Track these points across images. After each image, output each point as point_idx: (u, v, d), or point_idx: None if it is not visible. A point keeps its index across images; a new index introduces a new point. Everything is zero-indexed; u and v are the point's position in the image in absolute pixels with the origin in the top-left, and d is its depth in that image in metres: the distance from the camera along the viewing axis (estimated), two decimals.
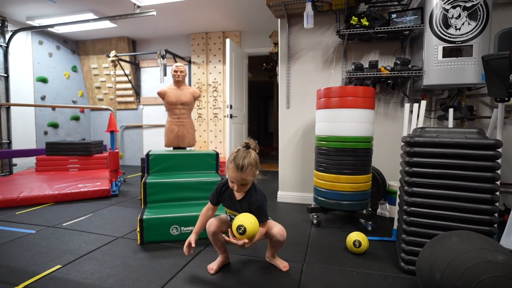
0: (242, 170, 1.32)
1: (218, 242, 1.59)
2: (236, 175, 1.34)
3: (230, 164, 1.36)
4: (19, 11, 4.15)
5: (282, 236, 1.52)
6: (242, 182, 1.37)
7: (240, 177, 1.34)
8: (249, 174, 1.35)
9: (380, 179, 2.58)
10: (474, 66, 2.22)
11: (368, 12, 2.53)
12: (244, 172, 1.32)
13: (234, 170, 1.34)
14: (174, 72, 2.93)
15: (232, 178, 1.38)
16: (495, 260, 1.05)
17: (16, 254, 1.77)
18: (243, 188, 1.41)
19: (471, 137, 1.48)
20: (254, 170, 1.37)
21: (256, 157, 1.38)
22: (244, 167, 1.32)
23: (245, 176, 1.34)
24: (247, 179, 1.37)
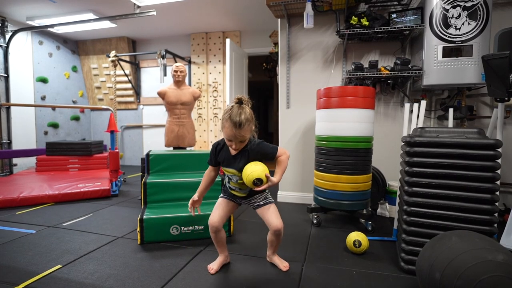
0: (240, 126, 1.31)
1: (220, 240, 1.59)
2: (234, 132, 1.33)
3: (226, 123, 1.34)
4: (19, 11, 4.15)
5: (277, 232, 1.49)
6: (240, 139, 1.36)
7: (238, 134, 1.33)
8: (247, 130, 1.35)
9: (380, 179, 2.58)
10: (474, 66, 2.22)
11: (368, 12, 2.53)
12: (242, 129, 1.32)
13: (232, 127, 1.32)
14: (174, 72, 2.93)
15: (229, 136, 1.36)
16: (495, 260, 1.05)
17: (17, 254, 1.77)
18: (241, 144, 1.40)
19: (471, 137, 1.48)
20: (251, 125, 1.37)
21: (251, 112, 1.37)
22: (242, 123, 1.31)
23: (243, 133, 1.34)
24: (245, 136, 1.36)
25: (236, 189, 1.53)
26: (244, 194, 1.53)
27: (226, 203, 1.58)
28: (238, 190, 1.53)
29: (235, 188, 1.53)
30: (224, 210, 1.56)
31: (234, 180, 1.51)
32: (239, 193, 1.53)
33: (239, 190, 1.53)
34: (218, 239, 1.58)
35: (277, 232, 1.50)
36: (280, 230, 1.49)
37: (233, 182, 1.52)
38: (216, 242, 1.59)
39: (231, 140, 1.38)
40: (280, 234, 1.53)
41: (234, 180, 1.51)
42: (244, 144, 1.41)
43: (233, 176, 1.49)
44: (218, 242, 1.59)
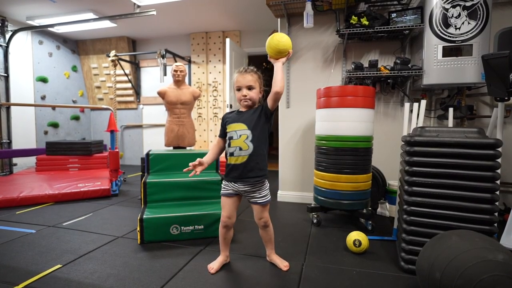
0: (245, 71, 1.48)
1: (227, 239, 1.61)
2: (240, 77, 1.48)
3: (235, 75, 1.51)
4: (19, 11, 4.15)
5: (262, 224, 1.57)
6: (247, 84, 1.48)
7: (244, 79, 1.47)
8: (253, 79, 1.48)
9: (380, 178, 2.58)
10: (474, 66, 2.22)
11: (368, 12, 2.52)
12: (248, 74, 1.48)
13: (240, 74, 1.49)
14: (174, 71, 2.93)
15: (237, 82, 1.49)
16: (495, 259, 1.05)
17: (16, 254, 1.77)
18: (250, 93, 1.49)
19: (471, 137, 1.48)
20: (258, 80, 1.51)
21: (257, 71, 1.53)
22: (248, 70, 1.49)
23: (249, 78, 1.48)
24: (251, 83, 1.48)
25: (236, 152, 1.48)
26: (244, 157, 1.48)
27: (230, 200, 1.57)
28: (238, 152, 1.48)
29: (234, 150, 1.49)
30: (231, 206, 1.57)
31: (237, 136, 1.48)
32: (239, 158, 1.48)
33: (239, 152, 1.48)
34: (226, 237, 1.60)
35: (262, 223, 1.57)
36: (266, 222, 1.57)
37: (235, 139, 1.48)
38: (223, 240, 1.60)
39: (240, 89, 1.49)
40: (267, 226, 1.59)
41: (236, 136, 1.48)
42: (254, 95, 1.50)
43: (237, 131, 1.48)
44: (225, 240, 1.60)
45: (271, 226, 1.61)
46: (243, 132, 1.48)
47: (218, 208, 2.05)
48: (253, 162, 1.48)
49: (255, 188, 1.53)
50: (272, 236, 1.64)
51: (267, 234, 1.62)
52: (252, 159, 1.48)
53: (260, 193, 1.55)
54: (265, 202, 1.56)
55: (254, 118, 1.49)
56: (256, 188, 1.54)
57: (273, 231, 1.64)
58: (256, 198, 1.54)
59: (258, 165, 1.50)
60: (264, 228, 1.59)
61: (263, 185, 1.56)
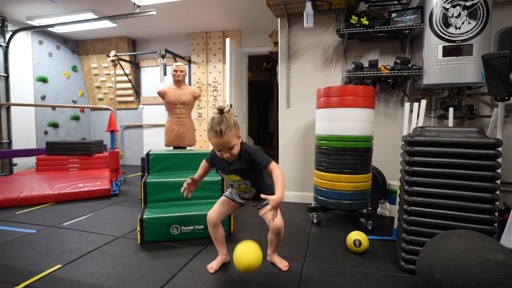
0: (221, 134, 1.31)
1: (218, 238, 1.60)
2: (218, 141, 1.34)
3: (209, 133, 1.36)
4: (19, 11, 4.15)
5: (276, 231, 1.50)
6: (227, 146, 1.36)
7: (221, 142, 1.34)
8: (230, 137, 1.34)
9: (380, 178, 2.58)
10: (474, 65, 2.22)
11: (368, 11, 2.52)
12: (225, 136, 1.32)
13: (215, 136, 1.34)
14: (174, 71, 2.93)
15: (216, 145, 1.38)
16: (496, 259, 1.05)
17: (17, 254, 1.77)
18: (232, 152, 1.38)
19: (471, 136, 1.48)
20: (234, 131, 1.36)
21: (232, 119, 1.37)
22: (223, 131, 1.31)
23: (226, 140, 1.33)
24: (230, 142, 1.35)
25: (241, 194, 1.56)
26: (250, 195, 1.55)
27: (227, 201, 1.60)
28: (243, 194, 1.56)
29: (239, 193, 1.57)
30: (223, 207, 1.58)
31: (236, 185, 1.53)
32: (246, 195, 1.56)
33: (244, 194, 1.56)
34: (217, 235, 1.59)
35: (277, 231, 1.51)
36: (280, 228, 1.50)
37: (236, 187, 1.54)
38: (214, 239, 1.60)
39: (220, 150, 1.38)
40: (280, 233, 1.53)
41: (236, 185, 1.53)
42: (235, 151, 1.39)
43: (234, 182, 1.51)
44: (216, 239, 1.60)
45: (283, 233, 1.55)
46: (241, 182, 1.49)
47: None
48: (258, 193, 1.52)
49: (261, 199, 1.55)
50: (281, 241, 1.61)
51: (277, 239, 1.58)
52: (257, 192, 1.52)
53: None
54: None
55: (245, 170, 1.44)
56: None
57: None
58: (260, 204, 1.57)
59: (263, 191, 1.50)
60: (277, 234, 1.54)
61: None
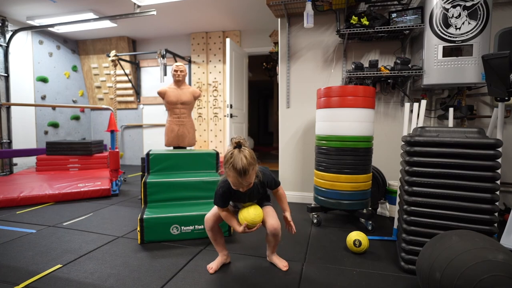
0: (245, 174, 1.28)
1: (217, 239, 1.60)
2: (240, 181, 1.30)
3: (230, 172, 1.31)
4: (19, 11, 4.15)
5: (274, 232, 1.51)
6: (247, 185, 1.35)
7: (245, 181, 1.31)
8: (252, 175, 1.33)
9: (380, 178, 2.58)
10: (474, 66, 2.22)
11: (368, 12, 2.52)
12: (247, 175, 1.29)
13: (237, 177, 1.29)
14: (174, 71, 2.93)
15: (236, 184, 1.34)
16: (495, 260, 1.05)
17: (17, 254, 1.77)
18: (250, 185, 1.38)
19: (471, 137, 1.48)
20: (255, 168, 1.36)
21: (251, 153, 1.34)
22: (246, 170, 1.28)
23: (249, 179, 1.32)
24: (251, 180, 1.35)
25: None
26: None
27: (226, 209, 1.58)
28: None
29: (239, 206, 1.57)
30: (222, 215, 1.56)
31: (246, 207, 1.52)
32: None
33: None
34: (216, 238, 1.59)
35: (274, 232, 1.52)
36: (277, 229, 1.52)
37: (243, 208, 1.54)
38: (214, 241, 1.60)
39: (238, 187, 1.36)
40: (277, 234, 1.54)
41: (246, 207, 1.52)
42: (251, 185, 1.39)
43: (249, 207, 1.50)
44: (216, 241, 1.60)
45: (280, 234, 1.57)
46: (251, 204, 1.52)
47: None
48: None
49: None
50: (279, 241, 1.62)
51: (275, 240, 1.59)
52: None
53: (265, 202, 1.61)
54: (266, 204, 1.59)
55: (258, 194, 1.52)
56: None
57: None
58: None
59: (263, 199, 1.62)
60: (275, 236, 1.55)
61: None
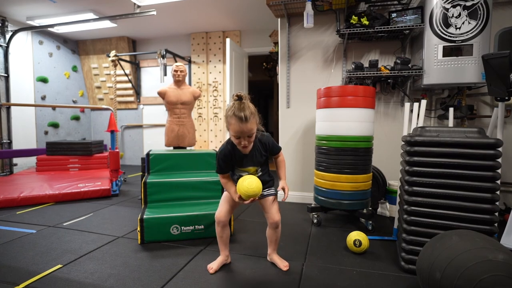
0: (246, 120, 1.32)
1: (224, 237, 1.60)
2: (241, 127, 1.34)
3: (231, 119, 1.35)
4: (19, 11, 4.15)
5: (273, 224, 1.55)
6: (248, 133, 1.37)
7: (246, 128, 1.34)
8: (253, 123, 1.37)
9: (381, 178, 2.58)
10: (474, 65, 2.22)
11: (368, 12, 2.52)
12: (248, 122, 1.33)
13: (238, 123, 1.33)
14: (174, 71, 2.93)
15: (237, 132, 1.37)
16: (496, 259, 1.05)
17: (17, 254, 1.77)
18: (250, 140, 1.40)
19: (472, 136, 1.48)
20: (256, 118, 1.40)
21: (253, 106, 1.39)
22: (247, 117, 1.32)
23: (250, 126, 1.35)
24: (252, 129, 1.38)
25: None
26: None
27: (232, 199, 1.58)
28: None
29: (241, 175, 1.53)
30: (229, 204, 1.57)
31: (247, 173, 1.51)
32: None
33: None
34: (223, 235, 1.59)
35: (274, 225, 1.55)
36: (277, 222, 1.55)
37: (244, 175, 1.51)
38: (220, 238, 1.60)
39: (239, 137, 1.38)
40: (278, 227, 1.57)
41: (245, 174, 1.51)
42: (252, 139, 1.42)
43: (249, 172, 1.51)
44: (222, 238, 1.60)
45: (280, 228, 1.60)
46: (254, 172, 1.54)
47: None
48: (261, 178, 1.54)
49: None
50: (279, 236, 1.63)
51: (275, 234, 1.61)
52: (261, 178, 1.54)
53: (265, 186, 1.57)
54: (270, 193, 1.58)
55: (260, 158, 1.52)
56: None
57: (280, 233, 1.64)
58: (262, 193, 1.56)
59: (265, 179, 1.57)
60: (275, 229, 1.58)
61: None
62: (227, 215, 1.56)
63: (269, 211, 1.56)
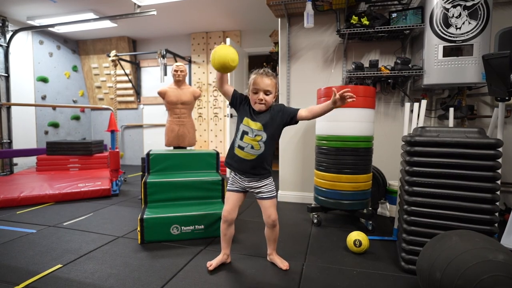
0: (266, 74, 1.46)
1: (228, 235, 1.61)
2: (262, 80, 1.45)
3: (254, 75, 1.48)
4: (20, 11, 4.15)
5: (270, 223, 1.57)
6: (267, 89, 1.46)
7: (265, 82, 1.45)
8: (272, 82, 1.48)
9: (381, 178, 2.57)
10: (475, 66, 2.22)
11: (369, 11, 2.52)
12: (269, 77, 1.46)
13: (259, 76, 1.46)
14: (174, 71, 2.93)
15: (257, 84, 1.46)
16: (496, 260, 1.05)
17: (17, 254, 1.77)
18: (267, 98, 1.47)
19: (472, 137, 1.48)
20: (275, 83, 1.50)
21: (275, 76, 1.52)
22: (270, 73, 1.47)
23: (271, 82, 1.46)
24: (271, 87, 1.47)
25: (246, 148, 1.50)
26: (253, 156, 1.51)
27: (234, 195, 1.60)
28: (248, 149, 1.50)
29: (246, 146, 1.50)
30: (234, 201, 1.59)
31: (252, 136, 1.49)
32: (248, 155, 1.51)
33: (249, 150, 1.50)
34: (227, 233, 1.60)
35: (271, 224, 1.57)
36: (274, 222, 1.57)
37: (248, 138, 1.49)
38: (224, 236, 1.61)
39: (257, 92, 1.47)
40: (275, 226, 1.59)
41: (251, 135, 1.49)
42: (269, 101, 1.49)
43: (253, 130, 1.49)
44: (226, 236, 1.61)
45: (278, 226, 1.62)
46: (259, 133, 1.50)
47: (219, 208, 2.05)
48: (259, 161, 1.53)
49: (261, 184, 1.56)
50: (277, 236, 1.65)
51: (273, 234, 1.62)
52: (260, 159, 1.52)
53: (268, 188, 1.57)
54: (271, 196, 1.57)
55: (273, 121, 1.51)
56: (262, 183, 1.56)
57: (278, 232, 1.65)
58: (263, 193, 1.57)
59: (262, 165, 1.55)
60: (272, 228, 1.60)
61: (268, 180, 1.59)
62: (232, 212, 1.57)
63: (266, 211, 1.57)
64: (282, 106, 1.55)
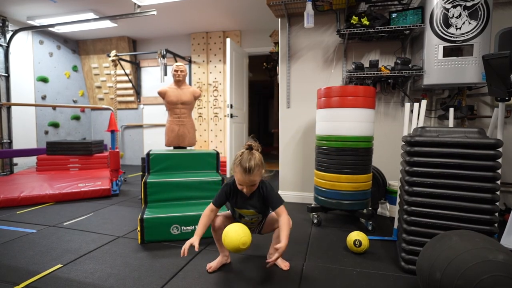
0: (250, 172, 1.37)
1: (220, 239, 1.58)
2: (244, 178, 1.39)
3: (236, 168, 1.41)
4: (20, 11, 4.16)
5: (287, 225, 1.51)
6: (250, 184, 1.42)
7: (248, 179, 1.39)
8: (256, 175, 1.41)
9: (381, 178, 2.57)
10: (475, 66, 2.22)
11: (369, 12, 2.52)
12: (252, 174, 1.38)
13: (242, 173, 1.38)
14: (174, 71, 2.93)
15: (240, 181, 1.43)
16: (496, 260, 1.05)
17: (17, 254, 1.77)
18: (252, 188, 1.46)
19: (472, 137, 1.48)
20: (261, 170, 1.44)
21: (260, 157, 1.44)
22: (251, 169, 1.37)
23: (253, 178, 1.40)
24: (255, 180, 1.42)
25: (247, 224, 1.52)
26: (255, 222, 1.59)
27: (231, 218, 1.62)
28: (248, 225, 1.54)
29: (245, 223, 1.53)
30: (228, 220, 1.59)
31: (248, 219, 1.55)
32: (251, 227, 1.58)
33: (250, 225, 1.56)
34: (219, 238, 1.58)
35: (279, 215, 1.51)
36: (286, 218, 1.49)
37: (246, 219, 1.55)
38: (217, 241, 1.61)
39: (242, 185, 1.44)
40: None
41: (247, 218, 1.55)
42: (255, 187, 1.47)
43: (247, 215, 1.54)
44: (219, 241, 1.60)
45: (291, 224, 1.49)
46: (254, 216, 1.55)
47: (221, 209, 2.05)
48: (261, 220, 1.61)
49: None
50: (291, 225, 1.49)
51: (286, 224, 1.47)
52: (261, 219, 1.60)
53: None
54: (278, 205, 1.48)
55: (261, 204, 1.51)
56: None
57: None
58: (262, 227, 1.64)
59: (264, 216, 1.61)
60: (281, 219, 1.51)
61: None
62: (221, 224, 1.56)
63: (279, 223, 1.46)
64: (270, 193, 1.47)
